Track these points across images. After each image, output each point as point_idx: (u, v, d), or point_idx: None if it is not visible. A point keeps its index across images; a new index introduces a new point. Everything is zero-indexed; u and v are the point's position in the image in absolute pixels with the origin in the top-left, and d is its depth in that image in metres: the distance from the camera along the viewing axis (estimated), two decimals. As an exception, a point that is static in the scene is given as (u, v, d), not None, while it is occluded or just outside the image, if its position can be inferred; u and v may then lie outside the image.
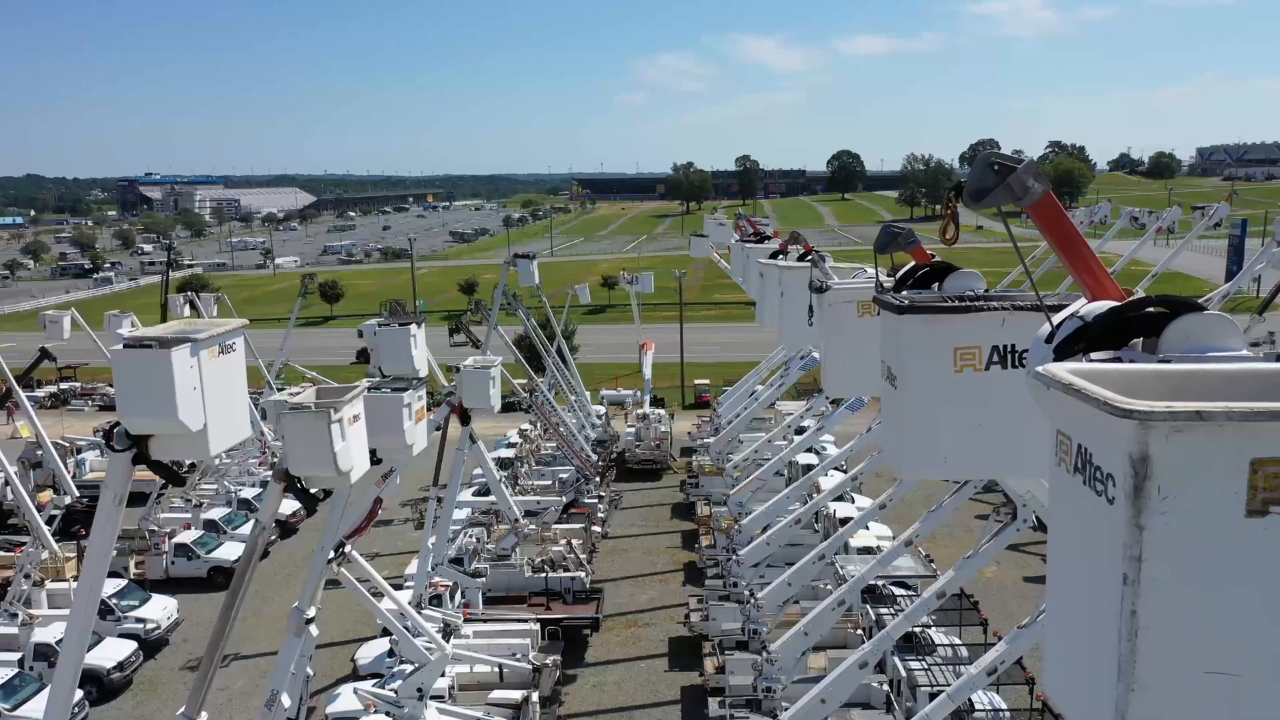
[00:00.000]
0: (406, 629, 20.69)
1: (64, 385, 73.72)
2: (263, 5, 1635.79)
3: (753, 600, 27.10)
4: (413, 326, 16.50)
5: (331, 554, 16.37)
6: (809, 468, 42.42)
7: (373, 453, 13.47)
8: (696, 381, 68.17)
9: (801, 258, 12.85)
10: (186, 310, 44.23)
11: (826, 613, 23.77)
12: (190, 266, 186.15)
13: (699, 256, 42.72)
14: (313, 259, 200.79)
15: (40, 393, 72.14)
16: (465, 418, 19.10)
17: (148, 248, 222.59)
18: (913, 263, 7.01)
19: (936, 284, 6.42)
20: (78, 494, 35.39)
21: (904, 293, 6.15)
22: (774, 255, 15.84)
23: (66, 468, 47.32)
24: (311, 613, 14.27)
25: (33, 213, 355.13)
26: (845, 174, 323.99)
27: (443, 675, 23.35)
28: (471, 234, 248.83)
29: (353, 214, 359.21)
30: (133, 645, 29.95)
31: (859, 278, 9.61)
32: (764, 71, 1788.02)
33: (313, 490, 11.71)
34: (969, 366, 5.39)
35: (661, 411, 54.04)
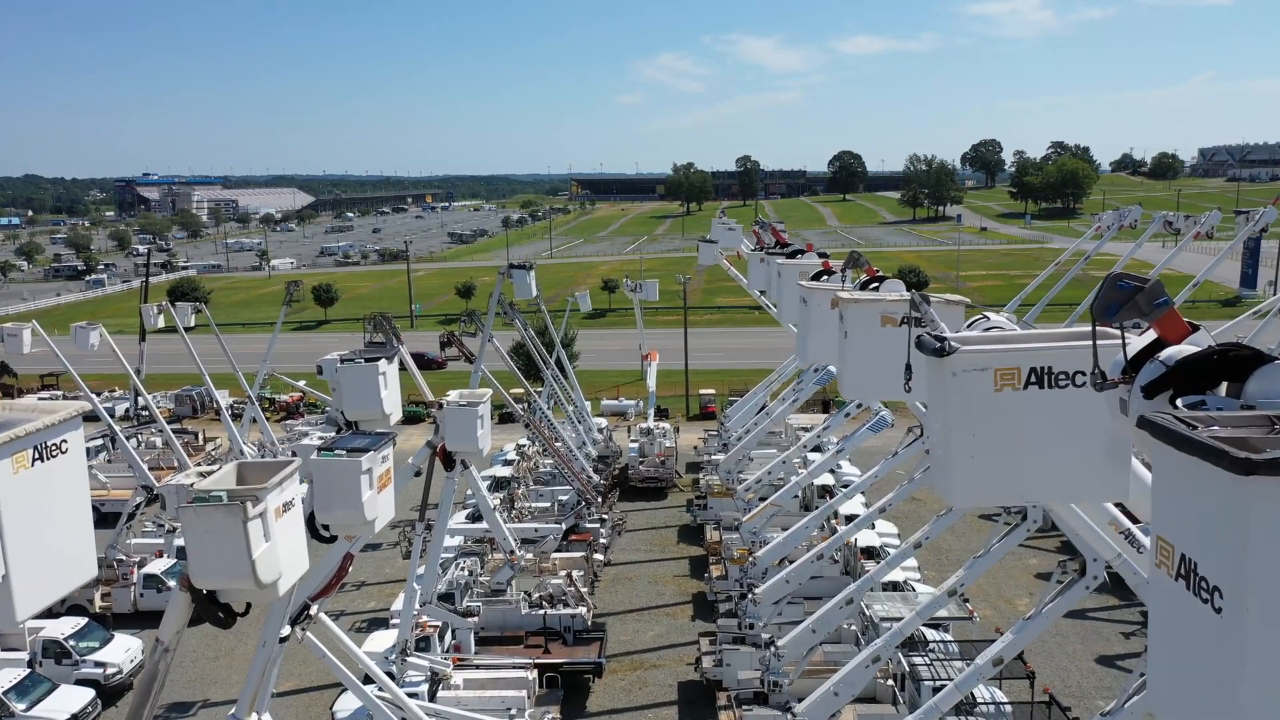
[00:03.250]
0: (383, 696, 18.02)
1: (44, 395, 70.97)
2: (263, 6, 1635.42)
3: (773, 649, 24.45)
4: (382, 362, 13.65)
5: (288, 629, 13.70)
6: (827, 489, 39.80)
7: (324, 528, 10.84)
8: (701, 391, 65.40)
9: (865, 285, 10.23)
10: (160, 320, 41.43)
11: (859, 670, 21.14)
12: (185, 268, 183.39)
13: (708, 264, 39.89)
14: (309, 261, 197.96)
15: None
16: (449, 462, 16.40)
17: (143, 249, 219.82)
18: (1154, 336, 4.36)
19: (1226, 383, 3.77)
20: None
21: (1204, 410, 3.45)
22: (816, 275, 13.20)
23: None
24: (253, 721, 11.64)
25: (30, 213, 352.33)
26: (846, 174, 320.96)
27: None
28: (470, 235, 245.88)
29: (350, 215, 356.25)
30: (90, 694, 27.17)
31: (978, 326, 6.92)
32: (762, 72, 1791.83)
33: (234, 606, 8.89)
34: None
35: (666, 425, 51.31)
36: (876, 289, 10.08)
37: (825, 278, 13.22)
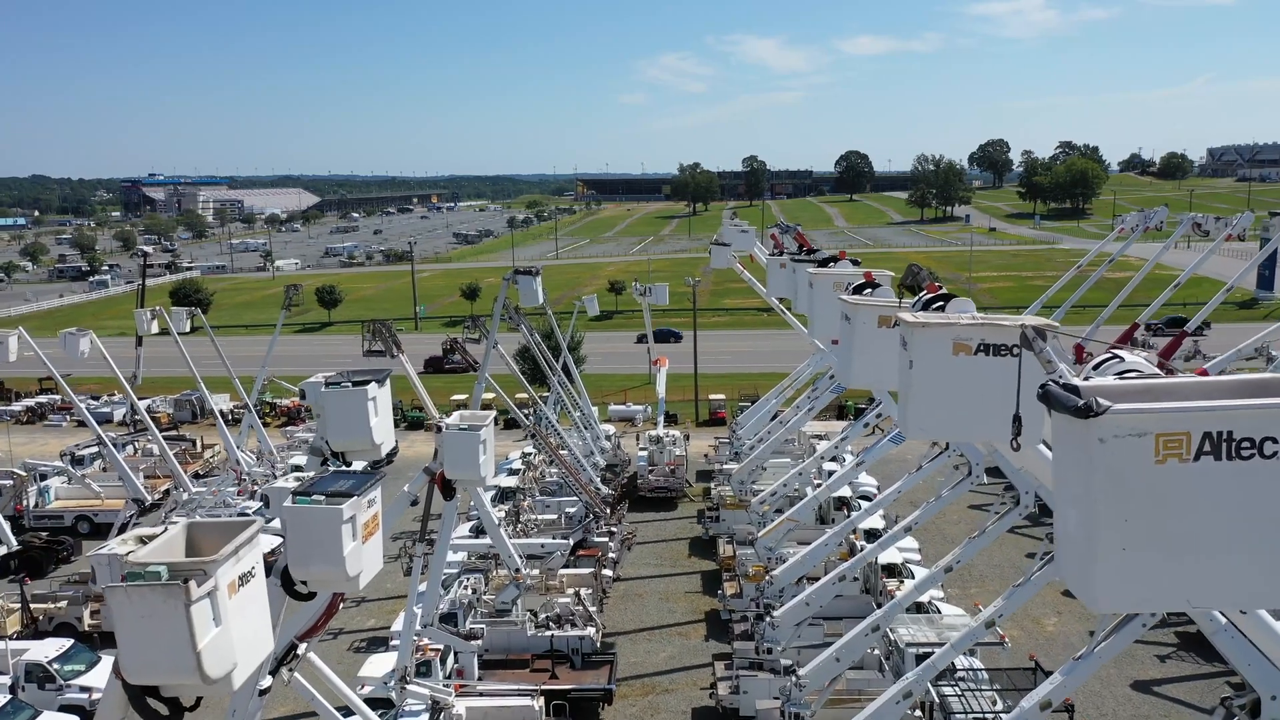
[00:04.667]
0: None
1: (42, 399, 69.76)
2: (268, 6, 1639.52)
3: (794, 679, 23.00)
4: (372, 385, 12.10)
5: (269, 680, 12.32)
6: (844, 501, 38.38)
7: (302, 584, 9.45)
8: (711, 396, 63.88)
9: (928, 305, 8.82)
10: (154, 326, 40.11)
11: (890, 706, 19.70)
12: (189, 269, 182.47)
13: (720, 267, 38.41)
14: (314, 261, 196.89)
15: (16, 406, 68.37)
16: (448, 490, 15.04)
17: (147, 249, 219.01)
18: None
19: None
20: (15, 544, 31.13)
21: None
22: (859, 289, 11.79)
23: (27, 495, 43.42)
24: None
25: (37, 213, 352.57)
26: (853, 174, 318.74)
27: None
28: (475, 235, 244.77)
29: (356, 215, 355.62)
30: (74, 721, 25.83)
31: (1109, 368, 5.50)
32: (765, 72, 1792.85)
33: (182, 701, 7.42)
34: None
35: (675, 433, 49.82)
36: (942, 309, 8.67)
37: (869, 290, 11.84)
